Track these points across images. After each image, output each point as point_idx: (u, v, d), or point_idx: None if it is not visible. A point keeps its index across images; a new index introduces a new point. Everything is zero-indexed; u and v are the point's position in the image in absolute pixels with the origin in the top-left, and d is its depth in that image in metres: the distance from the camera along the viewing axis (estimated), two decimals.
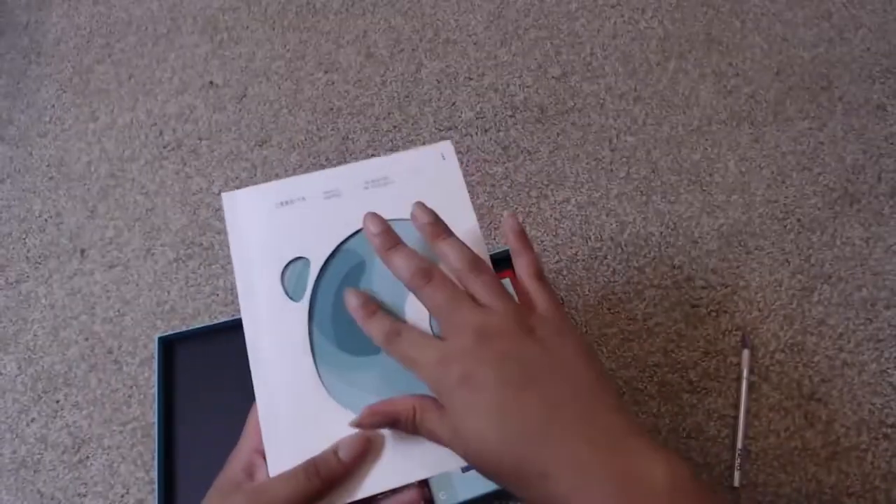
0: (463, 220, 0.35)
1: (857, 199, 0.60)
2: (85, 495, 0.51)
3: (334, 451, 0.29)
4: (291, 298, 0.33)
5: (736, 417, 0.50)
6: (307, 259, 0.34)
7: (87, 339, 0.57)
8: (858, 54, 0.68)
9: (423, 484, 0.46)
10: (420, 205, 0.33)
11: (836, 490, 0.48)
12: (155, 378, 0.53)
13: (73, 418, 0.54)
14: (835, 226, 0.58)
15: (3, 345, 0.57)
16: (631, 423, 0.26)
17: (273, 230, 0.35)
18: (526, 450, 0.26)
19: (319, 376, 0.32)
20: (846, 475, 0.48)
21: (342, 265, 0.34)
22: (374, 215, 0.33)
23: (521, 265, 0.33)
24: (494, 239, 0.60)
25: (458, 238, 0.32)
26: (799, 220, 0.59)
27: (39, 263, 0.61)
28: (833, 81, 0.66)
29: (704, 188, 0.61)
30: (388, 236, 0.32)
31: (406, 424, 0.30)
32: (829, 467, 0.49)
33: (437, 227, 0.32)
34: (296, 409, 0.31)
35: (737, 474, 0.48)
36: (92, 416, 0.54)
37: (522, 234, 0.34)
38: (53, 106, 0.71)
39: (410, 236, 0.33)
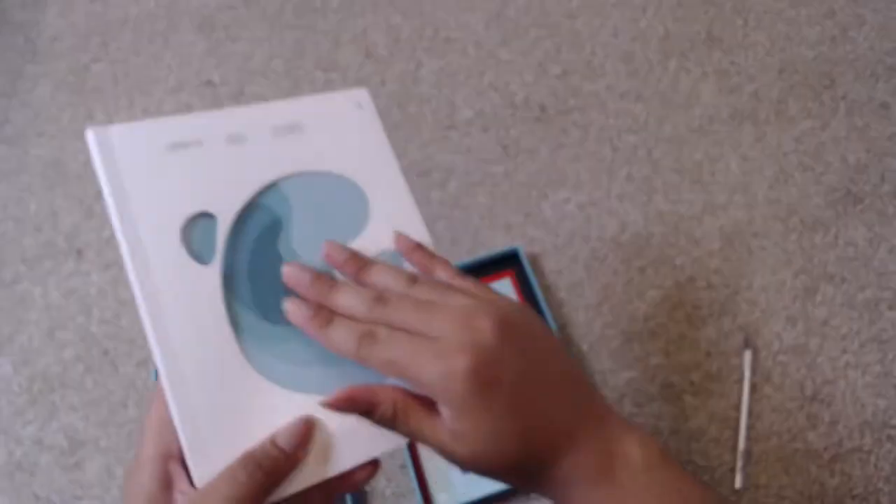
0: (387, 176, 0.32)
1: (860, 199, 0.59)
2: (81, 498, 0.50)
3: (272, 440, 0.26)
4: (199, 261, 0.28)
5: (738, 419, 0.50)
6: (213, 215, 0.29)
7: (83, 341, 0.57)
8: (862, 52, 0.67)
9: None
10: (331, 243, 0.30)
11: (838, 492, 0.47)
12: (151, 379, 0.52)
13: (69, 420, 0.53)
14: (838, 226, 0.58)
15: None
16: (605, 404, 0.28)
17: (165, 179, 0.29)
18: (535, 446, 0.26)
19: (244, 352, 0.27)
20: (849, 477, 0.48)
21: (255, 223, 0.30)
22: (296, 272, 0.29)
23: (441, 271, 0.30)
24: (494, 239, 0.59)
25: (381, 262, 0.30)
26: (802, 220, 0.58)
27: (35, 264, 0.61)
28: (836, 80, 0.66)
29: (706, 188, 0.61)
30: (319, 312, 0.28)
31: (382, 419, 0.27)
32: (831, 469, 0.48)
33: (356, 261, 0.30)
34: (219, 395, 0.26)
35: (739, 476, 0.48)
36: (88, 418, 0.53)
37: (419, 247, 0.32)
38: (49, 105, 0.70)
39: (321, 191, 0.31)
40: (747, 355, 0.52)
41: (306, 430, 0.26)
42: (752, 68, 0.67)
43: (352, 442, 0.28)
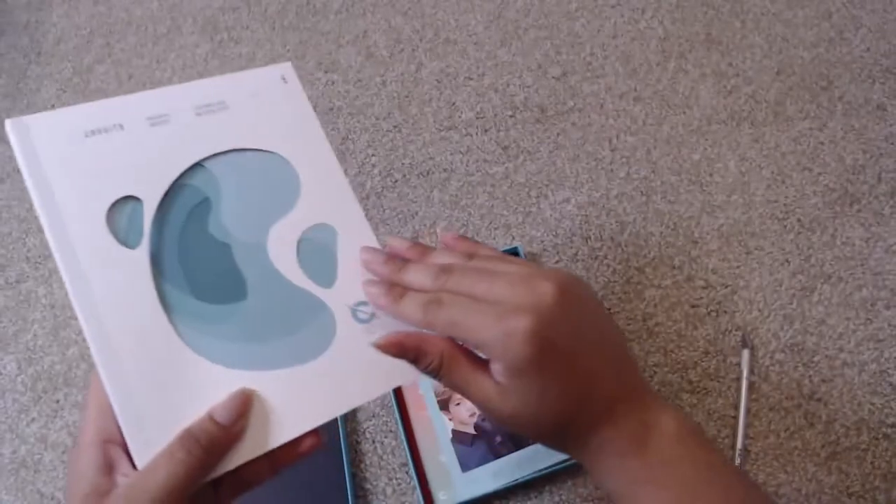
0: (315, 150, 0.32)
1: (857, 199, 0.60)
2: None
3: (209, 416, 0.26)
4: (125, 245, 0.28)
5: (736, 417, 0.50)
6: (137, 199, 0.29)
7: (86, 339, 0.57)
8: (859, 54, 0.68)
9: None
10: (393, 238, 0.32)
11: (836, 490, 0.48)
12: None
13: (73, 418, 0.54)
14: (835, 226, 0.58)
15: (4, 344, 0.57)
16: (644, 382, 0.30)
17: (86, 165, 0.29)
18: (577, 411, 0.27)
19: (178, 333, 0.27)
20: (846, 475, 0.48)
21: (183, 204, 0.30)
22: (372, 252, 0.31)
23: (489, 251, 0.32)
24: (494, 239, 0.60)
25: (441, 248, 0.31)
26: (799, 219, 0.59)
27: (39, 263, 0.61)
28: (833, 81, 0.66)
29: (704, 188, 0.61)
30: (392, 289, 0.29)
31: (428, 367, 0.28)
32: (829, 467, 0.49)
33: (419, 247, 0.31)
34: (155, 376, 0.26)
35: None
36: None
37: (462, 237, 0.33)
38: (54, 106, 0.71)
39: (250, 168, 0.31)
40: (745, 354, 0.52)
41: (243, 403, 0.27)
42: (750, 70, 0.68)
43: (290, 414, 0.28)
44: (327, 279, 0.31)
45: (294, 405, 0.28)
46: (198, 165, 0.30)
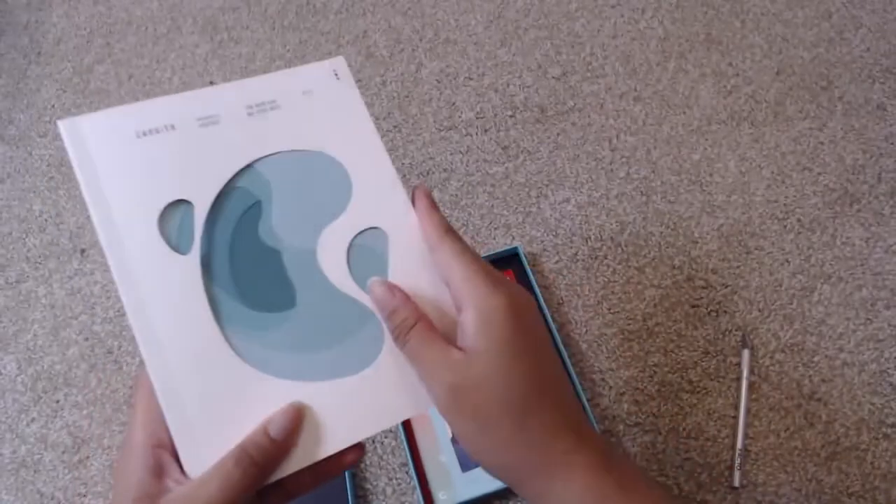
0: (367, 148, 0.31)
1: (857, 199, 0.60)
2: (85, 495, 0.51)
3: (264, 430, 0.26)
4: (177, 251, 0.28)
5: (736, 417, 0.50)
6: (189, 202, 0.28)
7: (87, 339, 0.57)
8: (858, 54, 0.68)
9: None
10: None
11: (836, 490, 0.48)
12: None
13: (73, 418, 0.54)
14: (835, 226, 0.58)
15: (3, 344, 0.57)
16: (585, 422, 0.28)
17: (138, 167, 0.28)
18: (540, 406, 0.26)
19: (227, 341, 0.27)
20: (846, 475, 0.48)
21: (234, 208, 0.29)
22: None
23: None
24: (494, 239, 0.60)
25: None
26: (799, 219, 0.59)
27: (39, 263, 0.61)
28: (833, 81, 0.66)
29: (704, 188, 0.61)
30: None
31: (402, 323, 0.27)
32: (829, 467, 0.49)
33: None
34: (205, 384, 0.26)
35: (737, 474, 0.48)
36: (92, 416, 0.54)
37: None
38: (53, 106, 0.71)
39: (302, 170, 0.30)
40: (745, 354, 0.52)
41: (296, 418, 0.26)
42: (749, 70, 0.68)
43: (337, 425, 0.28)
44: None
45: (341, 417, 0.28)
46: (249, 167, 0.30)
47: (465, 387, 0.25)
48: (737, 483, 0.48)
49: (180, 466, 0.25)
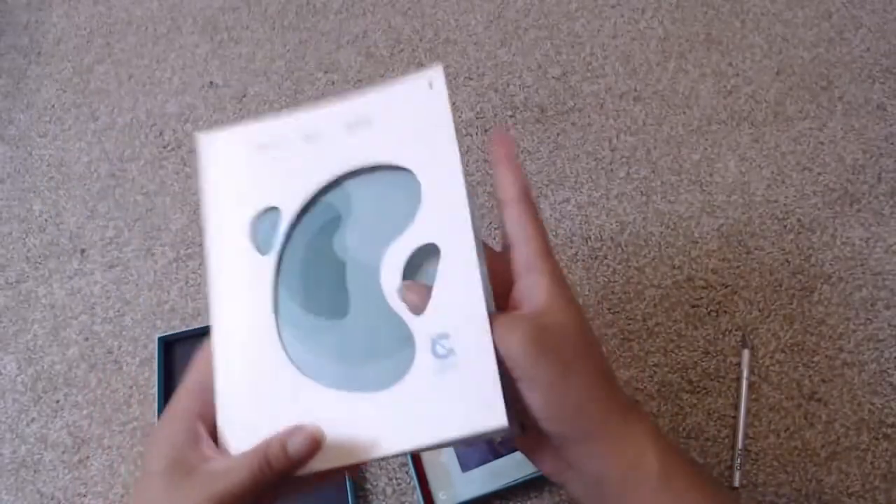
0: (443, 163, 0.30)
1: (857, 199, 0.60)
2: (85, 495, 0.51)
3: (283, 445, 0.27)
4: (259, 251, 0.31)
5: (736, 417, 0.50)
6: (278, 209, 0.31)
7: (87, 339, 0.57)
8: (858, 54, 0.68)
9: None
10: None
11: (836, 490, 0.48)
12: (155, 378, 0.53)
13: (73, 418, 0.54)
14: (835, 226, 0.58)
15: (3, 345, 0.57)
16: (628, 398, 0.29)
17: (248, 176, 0.32)
18: (598, 381, 0.27)
19: (280, 337, 0.30)
20: (846, 475, 0.48)
21: (316, 218, 0.31)
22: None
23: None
24: (495, 238, 0.60)
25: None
26: (799, 219, 0.59)
27: (39, 263, 0.61)
28: (833, 81, 0.66)
29: (704, 188, 0.61)
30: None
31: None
32: (829, 467, 0.49)
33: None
34: (253, 375, 0.29)
35: (737, 474, 0.48)
36: (92, 416, 0.54)
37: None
38: (53, 106, 0.71)
39: (382, 186, 0.31)
40: (745, 354, 0.52)
41: (315, 442, 0.28)
42: (749, 70, 0.68)
43: (355, 439, 0.28)
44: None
45: (360, 431, 0.28)
46: (337, 182, 0.31)
47: (545, 334, 0.26)
48: (737, 483, 0.48)
49: (213, 441, 0.28)
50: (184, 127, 0.68)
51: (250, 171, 0.32)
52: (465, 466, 0.48)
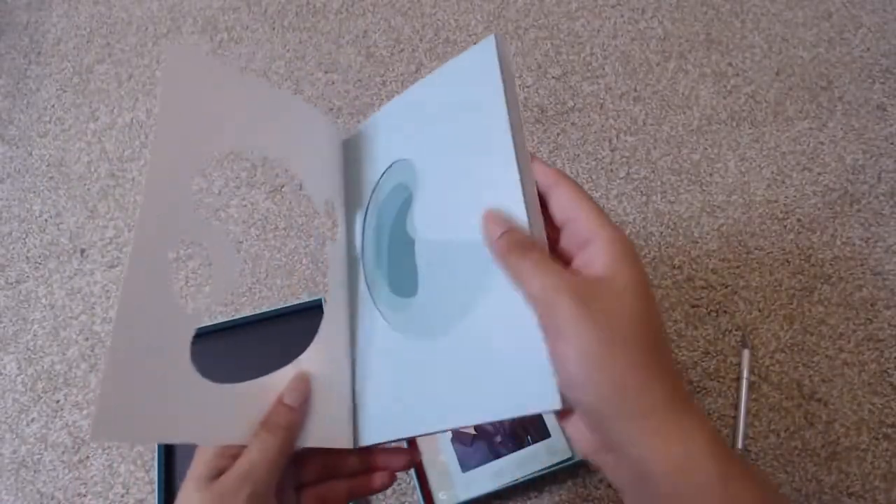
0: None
1: (857, 199, 0.60)
2: (85, 495, 0.51)
3: (281, 401, 0.30)
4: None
5: (736, 417, 0.50)
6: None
7: (87, 339, 0.57)
8: (858, 54, 0.68)
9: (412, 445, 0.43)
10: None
11: (836, 490, 0.48)
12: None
13: (73, 418, 0.54)
14: (835, 226, 0.58)
15: (3, 345, 0.57)
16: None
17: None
18: (652, 359, 0.24)
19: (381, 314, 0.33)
20: (846, 475, 0.48)
21: (394, 202, 0.34)
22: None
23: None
24: None
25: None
26: (799, 219, 0.59)
27: (39, 263, 0.61)
28: (833, 81, 0.66)
29: (704, 188, 0.61)
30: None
31: (518, 242, 0.26)
32: (829, 467, 0.48)
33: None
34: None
35: None
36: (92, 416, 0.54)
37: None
38: (53, 106, 0.71)
39: (445, 162, 0.30)
40: (745, 354, 0.52)
41: (306, 389, 0.30)
42: (749, 70, 0.68)
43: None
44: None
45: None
46: (406, 162, 0.32)
47: (596, 297, 0.24)
48: None
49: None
50: None
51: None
52: (465, 466, 0.48)
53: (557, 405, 0.24)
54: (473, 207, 0.28)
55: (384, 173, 0.33)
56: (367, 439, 0.30)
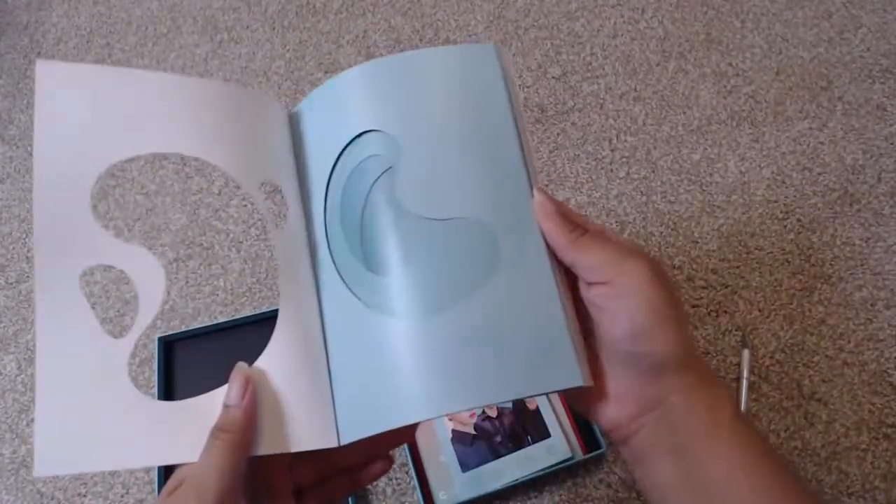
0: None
1: (857, 199, 0.60)
2: (85, 495, 0.51)
3: (224, 404, 0.28)
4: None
5: None
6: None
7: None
8: (858, 54, 0.68)
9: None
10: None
11: (836, 490, 0.48)
12: (155, 378, 0.53)
13: None
14: (835, 226, 0.58)
15: (3, 345, 0.57)
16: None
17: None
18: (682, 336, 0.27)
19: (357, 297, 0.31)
20: (846, 475, 0.48)
21: (369, 175, 0.31)
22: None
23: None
24: None
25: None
26: (799, 219, 0.59)
27: None
28: (833, 81, 0.66)
29: (704, 188, 0.61)
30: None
31: (574, 229, 0.28)
32: (828, 467, 0.49)
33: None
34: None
35: None
36: None
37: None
38: None
39: (433, 139, 0.29)
40: (745, 354, 0.52)
41: (245, 384, 0.28)
42: (749, 70, 0.68)
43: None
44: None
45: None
46: (381, 134, 0.30)
47: (657, 269, 0.27)
48: None
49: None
50: None
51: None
52: (466, 466, 0.48)
53: (579, 381, 0.25)
54: (479, 186, 0.28)
55: (349, 144, 0.30)
56: (355, 434, 0.28)
